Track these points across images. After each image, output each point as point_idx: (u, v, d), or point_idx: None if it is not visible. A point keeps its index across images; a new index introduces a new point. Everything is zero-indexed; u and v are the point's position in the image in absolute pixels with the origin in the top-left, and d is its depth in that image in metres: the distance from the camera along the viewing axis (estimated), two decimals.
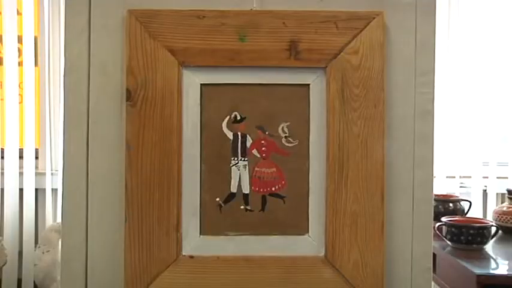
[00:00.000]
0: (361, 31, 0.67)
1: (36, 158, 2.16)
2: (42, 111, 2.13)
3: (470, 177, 2.25)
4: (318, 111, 0.68)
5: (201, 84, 0.68)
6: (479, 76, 2.22)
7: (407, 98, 0.70)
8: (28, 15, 2.06)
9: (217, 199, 0.69)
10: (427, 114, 0.70)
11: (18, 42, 2.09)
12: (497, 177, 2.22)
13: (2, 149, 2.12)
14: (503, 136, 2.31)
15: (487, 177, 2.23)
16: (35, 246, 1.93)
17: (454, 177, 2.24)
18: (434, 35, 0.70)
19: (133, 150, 0.67)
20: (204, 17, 0.67)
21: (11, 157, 2.10)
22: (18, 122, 2.10)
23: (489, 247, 1.46)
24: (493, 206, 2.17)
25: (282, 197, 0.69)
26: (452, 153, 2.24)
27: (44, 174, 2.12)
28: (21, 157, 2.12)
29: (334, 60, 0.67)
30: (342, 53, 0.67)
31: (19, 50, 2.11)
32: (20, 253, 2.11)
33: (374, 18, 0.67)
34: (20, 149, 2.12)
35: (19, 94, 2.14)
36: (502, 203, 2.10)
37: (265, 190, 0.69)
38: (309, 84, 0.68)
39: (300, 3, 0.69)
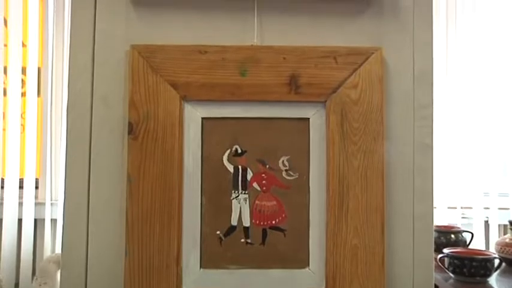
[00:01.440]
0: (360, 66, 0.69)
1: (36, 187, 2.16)
2: (44, 141, 2.14)
3: (471, 208, 2.24)
4: (318, 145, 0.69)
5: (202, 118, 0.69)
6: (478, 107, 2.23)
7: (406, 131, 0.70)
8: (33, 47, 2.09)
9: (218, 232, 0.69)
10: (426, 148, 0.70)
11: (22, 73, 2.12)
12: (499, 208, 2.21)
13: (2, 179, 2.12)
14: (503, 166, 2.31)
15: (488, 208, 2.22)
16: (32, 278, 1.91)
17: (455, 207, 2.23)
18: (432, 69, 0.71)
19: (135, 183, 0.67)
20: (205, 52, 0.68)
21: (11, 187, 2.10)
22: (19, 152, 2.11)
23: (493, 280, 1.44)
24: (495, 237, 2.15)
25: (282, 230, 0.69)
26: (453, 184, 2.24)
27: (44, 204, 2.11)
28: (21, 187, 2.11)
29: (333, 94, 0.68)
30: (341, 87, 0.68)
31: (22, 81, 2.14)
32: (17, 285, 2.08)
33: (373, 53, 0.69)
34: (20, 179, 2.12)
35: (21, 124, 2.15)
36: (504, 234, 2.08)
37: (265, 223, 0.69)
38: (308, 118, 0.69)
39: (300, 39, 0.70)
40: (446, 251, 1.46)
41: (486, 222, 2.23)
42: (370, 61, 0.68)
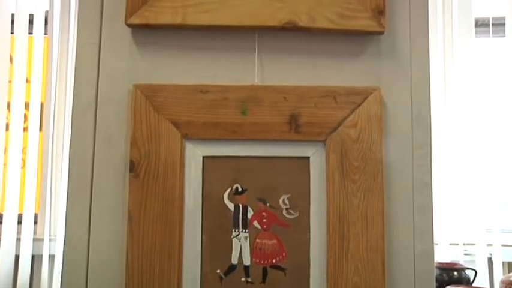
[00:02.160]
0: (359, 105, 0.70)
1: (35, 223, 2.14)
2: (44, 176, 2.14)
3: (474, 244, 2.22)
4: (318, 184, 0.69)
5: (203, 156, 0.70)
6: (479, 143, 2.25)
7: (405, 170, 0.71)
8: (36, 83, 2.12)
9: (218, 271, 0.68)
10: (425, 186, 0.71)
11: (25, 108, 2.14)
12: (502, 245, 2.18)
13: (1, 214, 2.11)
14: (504, 202, 2.31)
15: (491, 245, 2.19)
16: None
17: (458, 244, 2.21)
18: (430, 109, 0.72)
19: (135, 221, 0.67)
20: (207, 91, 0.70)
21: (9, 223, 2.08)
22: (18, 187, 2.11)
23: None
24: (499, 274, 2.12)
25: (282, 269, 0.68)
26: (455, 220, 2.22)
27: (42, 240, 2.09)
28: (19, 222, 2.10)
29: (333, 133, 0.69)
30: (340, 127, 0.69)
31: (25, 116, 2.16)
32: None
33: (371, 93, 0.70)
34: (19, 214, 2.11)
35: (22, 159, 2.16)
36: (509, 272, 2.05)
37: (266, 262, 0.68)
38: (309, 157, 0.70)
39: (300, 79, 0.72)
40: None
41: (490, 259, 2.20)
42: (368, 101, 0.70)
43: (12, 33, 2.11)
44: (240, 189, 0.69)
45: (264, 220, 0.69)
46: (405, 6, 0.74)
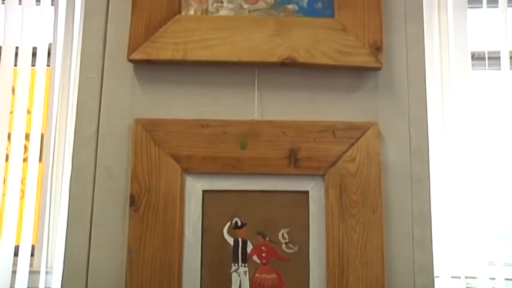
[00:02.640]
0: (357, 140, 0.70)
1: (32, 255, 2.12)
2: (43, 207, 2.13)
3: (476, 278, 2.19)
4: (317, 218, 0.69)
5: (203, 190, 0.70)
6: (480, 174, 2.24)
7: (404, 204, 0.71)
8: (37, 114, 2.14)
9: None
10: (424, 220, 0.71)
11: (26, 139, 2.15)
12: (505, 279, 2.15)
13: None
14: (506, 235, 2.29)
15: (494, 278, 2.16)
16: None
17: (460, 277, 2.18)
18: (428, 142, 0.73)
19: (135, 254, 0.67)
20: (207, 126, 0.70)
21: (6, 254, 2.06)
22: (17, 218, 2.09)
23: None
24: None
25: None
26: (456, 252, 2.20)
27: (38, 272, 2.07)
28: (16, 254, 2.08)
29: (332, 167, 0.70)
30: (339, 161, 0.70)
31: (25, 147, 2.16)
32: None
33: (369, 128, 0.71)
34: (16, 245, 2.09)
35: (21, 190, 2.15)
36: None
37: None
38: (308, 191, 0.70)
39: (299, 114, 0.73)
40: None
41: None
42: (367, 135, 0.70)
43: (15, 65, 2.14)
44: (239, 223, 0.69)
45: (264, 254, 0.69)
46: (402, 41, 0.76)
